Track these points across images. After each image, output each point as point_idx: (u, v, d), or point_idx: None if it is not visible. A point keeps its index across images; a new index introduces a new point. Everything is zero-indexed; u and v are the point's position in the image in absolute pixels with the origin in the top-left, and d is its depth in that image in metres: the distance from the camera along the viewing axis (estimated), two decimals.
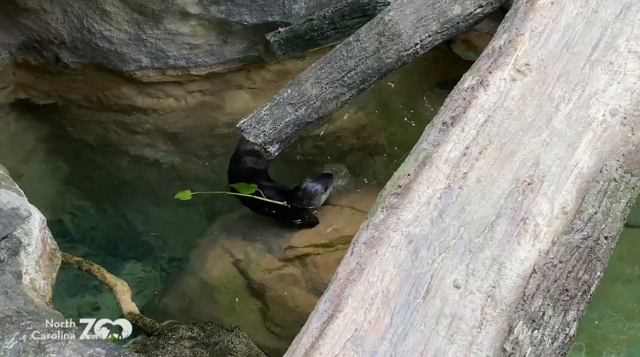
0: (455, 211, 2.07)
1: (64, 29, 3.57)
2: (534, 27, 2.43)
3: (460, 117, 2.24)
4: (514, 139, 2.19)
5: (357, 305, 1.93)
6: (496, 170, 2.13)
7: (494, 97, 2.28)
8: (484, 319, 1.90)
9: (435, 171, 2.14)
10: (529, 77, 2.32)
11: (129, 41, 3.60)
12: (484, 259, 1.98)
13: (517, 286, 1.94)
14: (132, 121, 3.97)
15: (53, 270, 2.64)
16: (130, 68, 3.71)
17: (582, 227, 2.02)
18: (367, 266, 1.99)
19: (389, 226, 2.06)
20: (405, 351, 1.86)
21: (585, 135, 2.20)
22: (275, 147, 2.94)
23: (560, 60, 2.36)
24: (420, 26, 2.93)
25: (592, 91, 2.29)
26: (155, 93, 3.85)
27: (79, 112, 3.97)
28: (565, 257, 1.97)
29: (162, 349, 2.78)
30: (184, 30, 3.59)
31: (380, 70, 2.96)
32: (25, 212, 2.53)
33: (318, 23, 3.52)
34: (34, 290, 2.46)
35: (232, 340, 2.93)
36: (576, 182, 2.10)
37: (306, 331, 1.91)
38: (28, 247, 2.49)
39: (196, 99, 3.91)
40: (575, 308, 1.96)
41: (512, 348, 1.84)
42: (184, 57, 3.72)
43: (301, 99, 2.91)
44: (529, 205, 2.06)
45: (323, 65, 2.94)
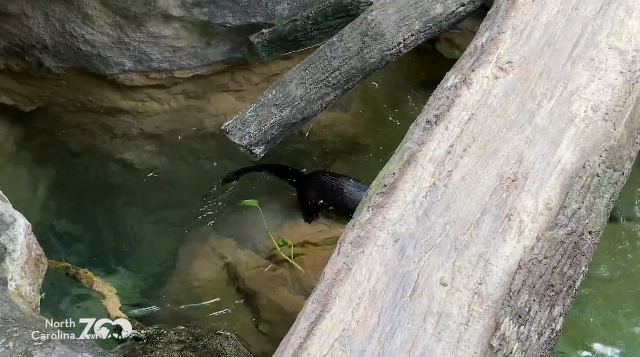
0: (441, 209, 2.08)
1: (46, 34, 3.54)
2: (515, 25, 2.45)
3: (444, 116, 2.25)
4: (497, 137, 2.21)
5: (345, 305, 1.93)
6: (481, 168, 2.15)
7: (477, 95, 2.29)
8: (471, 316, 1.91)
9: (420, 170, 2.15)
10: (512, 75, 2.34)
11: (111, 45, 3.58)
12: (470, 257, 1.99)
13: (503, 283, 1.95)
14: (117, 125, 3.95)
15: (39, 276, 2.62)
16: (113, 72, 3.70)
17: (566, 223, 2.04)
18: (354, 265, 1.99)
19: (375, 225, 2.06)
20: (394, 350, 1.86)
21: (568, 131, 2.22)
22: (261, 148, 2.94)
23: (542, 57, 2.38)
24: (403, 26, 2.95)
25: (574, 88, 2.31)
26: (139, 96, 3.83)
27: (63, 116, 3.95)
28: (550, 253, 1.99)
29: (151, 353, 2.77)
30: (167, 33, 3.58)
31: (365, 70, 2.97)
32: (9, 219, 2.51)
33: (302, 24, 3.52)
34: (20, 297, 2.44)
35: (221, 343, 2.92)
36: (560, 179, 2.12)
37: (294, 332, 1.91)
38: (13, 253, 2.47)
39: (181, 102, 3.90)
40: (561, 303, 1.97)
41: (500, 344, 1.85)
42: (167, 60, 3.70)
43: (286, 100, 2.91)
44: (513, 202, 2.08)
45: (307, 66, 2.95)
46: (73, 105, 3.88)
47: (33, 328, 2.27)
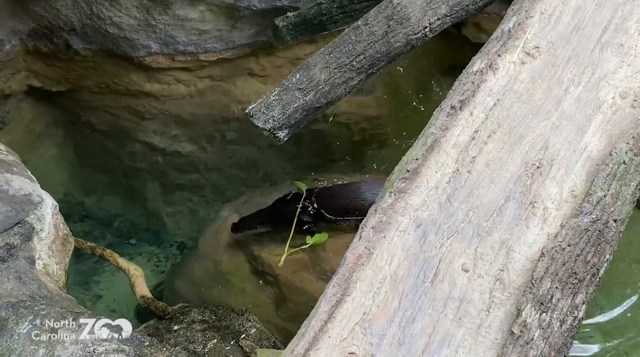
0: (464, 195, 2.07)
1: (73, 16, 3.57)
2: (543, 9, 2.41)
3: (469, 101, 2.24)
4: (523, 123, 2.19)
5: (366, 289, 1.94)
6: (505, 154, 2.13)
7: (503, 80, 2.27)
8: (492, 302, 1.91)
9: (443, 155, 2.14)
10: (539, 60, 2.31)
11: (138, 27, 3.60)
12: (492, 243, 1.99)
13: (525, 270, 1.94)
14: (142, 107, 3.98)
15: (66, 255, 2.67)
16: (139, 54, 3.72)
17: (591, 211, 2.01)
18: (376, 250, 2.00)
19: (397, 210, 2.06)
20: (414, 334, 1.87)
21: (594, 118, 2.19)
22: (284, 132, 2.94)
23: (570, 42, 2.34)
24: (429, 9, 2.91)
25: (602, 74, 2.27)
26: (164, 79, 3.85)
27: (90, 98, 3.99)
28: (574, 241, 1.97)
29: (174, 332, 2.81)
30: (192, 16, 3.59)
31: (389, 54, 2.94)
32: (37, 198, 2.55)
33: (326, 7, 3.49)
34: (47, 275, 2.49)
35: (243, 323, 2.95)
36: (585, 166, 2.10)
37: (315, 315, 1.93)
38: (41, 232, 2.52)
39: (206, 85, 3.92)
40: (584, 291, 1.96)
41: (520, 331, 1.85)
42: (193, 43, 3.71)
43: (310, 84, 2.90)
44: (537, 188, 2.06)
45: (331, 50, 2.93)
46: (99, 86, 3.91)
47: (59, 306, 2.32)
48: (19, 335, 2.17)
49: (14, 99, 3.89)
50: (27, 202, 2.52)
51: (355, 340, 1.86)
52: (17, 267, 2.39)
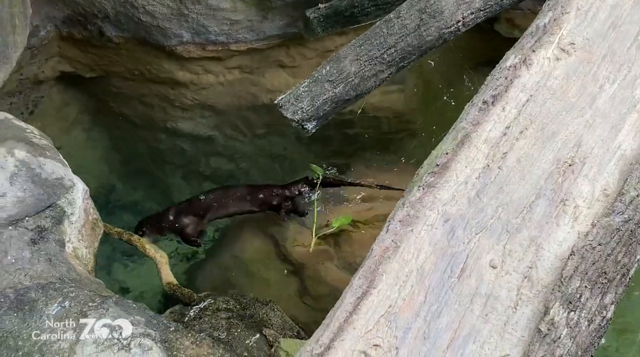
0: (494, 191, 2.06)
1: (107, 3, 3.61)
2: (580, 5, 2.38)
3: (501, 96, 2.21)
4: (556, 120, 2.16)
5: (392, 282, 1.94)
6: (537, 151, 2.11)
7: (536, 76, 2.24)
8: (520, 299, 1.89)
9: (474, 151, 2.13)
10: (574, 57, 2.27)
11: (171, 16, 3.62)
12: (521, 240, 1.97)
13: (554, 268, 1.92)
14: (173, 95, 4.01)
15: (95, 239, 2.70)
16: (171, 43, 3.74)
17: (623, 210, 1.99)
18: (402, 243, 1.99)
19: (425, 205, 2.05)
20: (439, 329, 1.86)
21: (629, 116, 2.15)
22: (313, 124, 2.94)
23: (606, 39, 2.30)
24: (463, 3, 2.88)
25: (638, 72, 2.23)
26: (195, 68, 3.88)
27: (121, 85, 4.03)
28: (605, 240, 1.94)
29: (199, 319, 2.83)
30: (224, 6, 3.60)
31: (421, 47, 2.93)
32: (69, 182, 2.59)
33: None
34: (76, 258, 2.53)
35: (267, 313, 2.97)
36: (619, 164, 2.07)
37: (340, 306, 1.93)
38: (71, 216, 2.55)
39: (235, 75, 3.93)
40: (613, 291, 1.93)
41: (548, 329, 1.83)
42: (224, 33, 3.73)
43: (340, 76, 2.90)
44: (569, 186, 2.04)
45: (362, 42, 2.92)
46: (131, 74, 3.95)
47: (88, 289, 2.35)
48: (48, 316, 2.21)
49: (47, 84, 3.94)
50: (59, 186, 2.55)
51: (380, 332, 1.86)
52: (48, 250, 2.42)
